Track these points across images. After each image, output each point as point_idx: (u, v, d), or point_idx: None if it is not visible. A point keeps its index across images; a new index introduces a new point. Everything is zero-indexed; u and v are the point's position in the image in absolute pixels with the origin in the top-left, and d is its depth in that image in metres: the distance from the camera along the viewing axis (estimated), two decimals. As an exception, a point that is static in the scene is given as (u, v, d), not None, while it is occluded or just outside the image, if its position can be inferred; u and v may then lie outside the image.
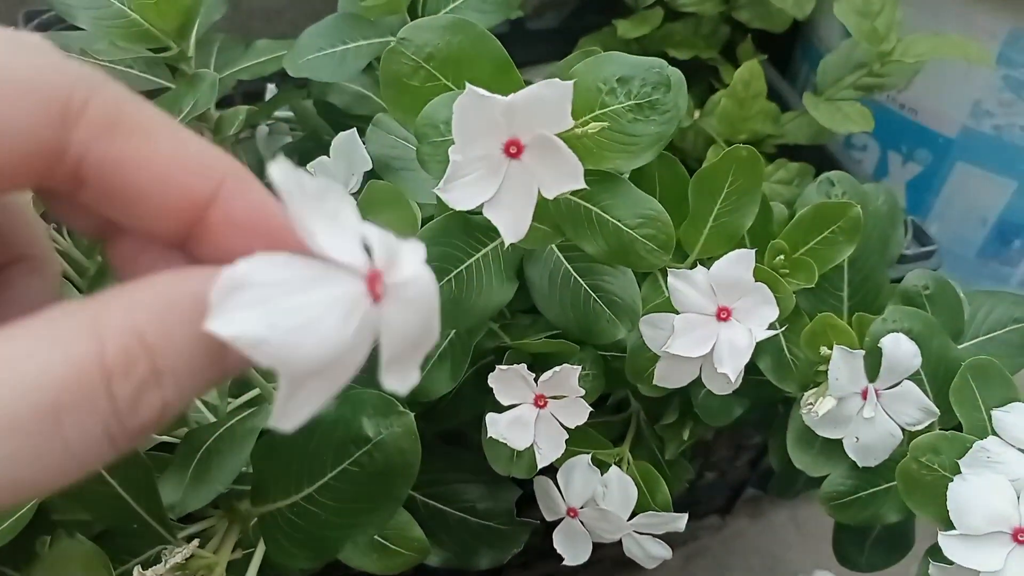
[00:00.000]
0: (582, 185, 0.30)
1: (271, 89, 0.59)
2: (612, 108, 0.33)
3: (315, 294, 0.13)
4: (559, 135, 0.30)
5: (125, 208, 0.15)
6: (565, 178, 0.30)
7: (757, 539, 0.74)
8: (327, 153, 0.46)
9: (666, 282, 0.43)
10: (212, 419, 0.37)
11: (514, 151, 0.30)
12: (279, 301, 0.13)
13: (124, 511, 0.28)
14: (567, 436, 0.37)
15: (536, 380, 0.37)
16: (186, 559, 0.29)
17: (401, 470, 0.28)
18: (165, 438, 0.34)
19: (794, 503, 0.76)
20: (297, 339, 0.13)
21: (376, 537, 0.34)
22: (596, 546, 0.41)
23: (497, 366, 0.37)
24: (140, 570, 0.28)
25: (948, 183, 0.65)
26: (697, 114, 0.61)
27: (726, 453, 0.65)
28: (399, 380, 0.15)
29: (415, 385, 0.15)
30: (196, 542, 0.30)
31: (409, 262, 0.15)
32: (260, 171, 0.49)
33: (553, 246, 0.40)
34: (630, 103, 0.33)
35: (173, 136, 0.15)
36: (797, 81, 0.74)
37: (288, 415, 0.14)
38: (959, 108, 0.62)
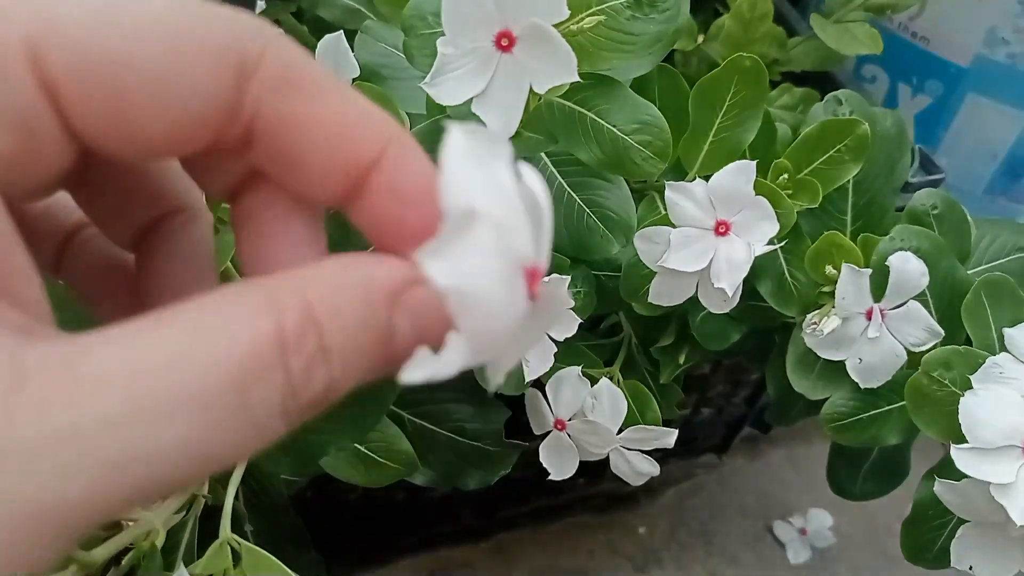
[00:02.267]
0: (575, 78, 0.28)
1: (260, 5, 0.57)
2: (610, 3, 0.32)
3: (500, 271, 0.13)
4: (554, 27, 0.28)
5: (290, 169, 0.15)
6: (558, 70, 0.28)
7: (753, 478, 0.74)
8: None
9: (663, 202, 0.41)
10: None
11: (505, 43, 0.29)
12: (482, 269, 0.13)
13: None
14: (555, 350, 0.36)
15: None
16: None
17: (386, 372, 0.27)
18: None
19: (791, 443, 0.76)
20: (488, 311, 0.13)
21: (363, 449, 0.33)
22: (591, 480, 0.40)
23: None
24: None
25: (958, 116, 0.64)
26: (701, 39, 0.59)
27: (723, 389, 0.65)
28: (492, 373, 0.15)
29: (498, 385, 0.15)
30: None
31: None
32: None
33: (545, 158, 0.38)
34: (629, -1, 0.32)
35: (342, 96, 0.14)
36: (806, 10, 0.71)
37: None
38: (972, 35, 0.60)
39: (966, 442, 0.33)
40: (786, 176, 0.41)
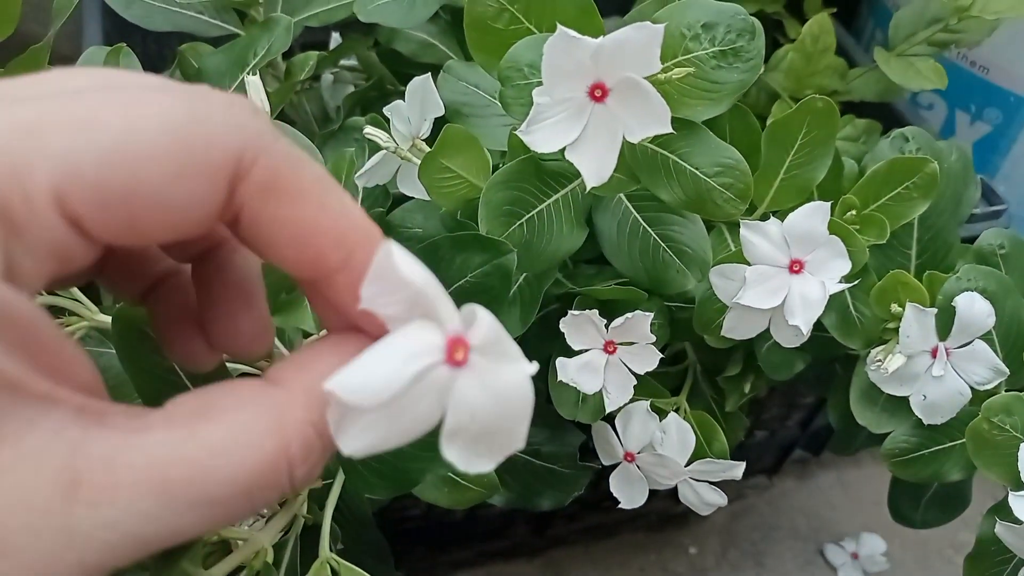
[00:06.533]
0: (668, 129, 0.30)
1: (335, 38, 0.59)
2: (696, 54, 0.33)
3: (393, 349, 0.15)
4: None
5: (267, 253, 0.17)
6: (651, 122, 0.30)
7: (804, 500, 0.75)
8: (390, 103, 0.46)
9: (733, 235, 0.43)
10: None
11: (599, 94, 0.30)
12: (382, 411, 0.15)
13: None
14: (635, 382, 0.38)
15: (606, 327, 0.37)
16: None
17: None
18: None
19: (841, 466, 0.76)
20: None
21: (448, 472, 0.35)
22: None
23: (569, 311, 0.37)
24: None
25: (1018, 144, 0.64)
26: (761, 69, 0.60)
27: (778, 412, 0.66)
28: (460, 458, 0.16)
29: (480, 471, 0.16)
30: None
31: (509, 354, 0.15)
32: (324, 118, 0.49)
33: (622, 195, 0.40)
34: (714, 49, 0.33)
35: (318, 204, 0.16)
36: (863, 38, 0.72)
37: (342, 441, 0.16)
38: (1034, 67, 0.60)
39: (1024, 489, 0.34)
40: (854, 212, 0.42)
